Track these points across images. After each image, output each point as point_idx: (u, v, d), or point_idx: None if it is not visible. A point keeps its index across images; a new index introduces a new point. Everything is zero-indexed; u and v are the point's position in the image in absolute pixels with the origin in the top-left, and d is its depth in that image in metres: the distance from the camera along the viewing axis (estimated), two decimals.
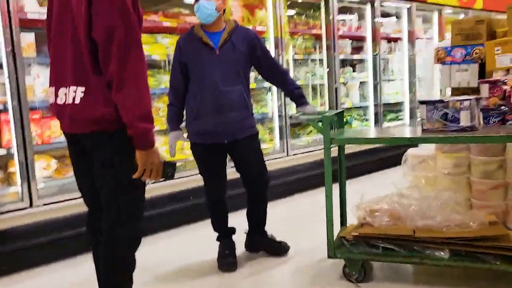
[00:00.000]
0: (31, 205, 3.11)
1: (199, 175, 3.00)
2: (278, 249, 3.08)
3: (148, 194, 3.58)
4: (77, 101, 1.76)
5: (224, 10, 2.86)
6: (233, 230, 3.09)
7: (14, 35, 3.04)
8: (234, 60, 2.77)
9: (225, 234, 3.04)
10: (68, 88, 1.78)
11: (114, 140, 1.78)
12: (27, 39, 3.21)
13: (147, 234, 3.58)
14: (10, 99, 3.06)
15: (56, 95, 1.84)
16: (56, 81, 1.85)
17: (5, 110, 3.13)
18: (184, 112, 2.94)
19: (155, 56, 4.01)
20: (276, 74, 2.99)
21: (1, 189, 3.15)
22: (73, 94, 1.77)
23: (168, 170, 1.82)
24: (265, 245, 3.11)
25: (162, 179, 1.84)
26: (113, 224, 1.87)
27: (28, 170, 3.10)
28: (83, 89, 1.75)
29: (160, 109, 4.03)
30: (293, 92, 2.96)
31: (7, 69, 3.04)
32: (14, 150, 3.11)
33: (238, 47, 2.78)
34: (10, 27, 3.03)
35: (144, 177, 1.77)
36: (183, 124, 2.99)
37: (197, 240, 3.46)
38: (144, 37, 3.94)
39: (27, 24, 3.20)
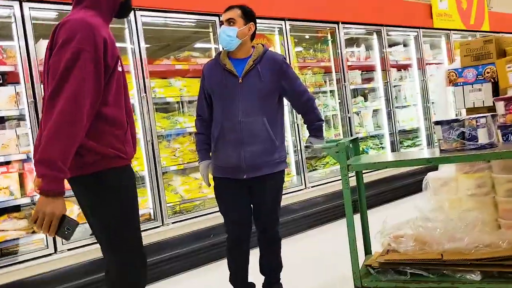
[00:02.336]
0: (55, 251, 3.14)
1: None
2: None
3: (166, 235, 3.64)
4: None
5: (254, 35, 2.67)
6: (251, 286, 2.79)
7: (35, 87, 3.17)
8: (258, 89, 2.56)
9: None
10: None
11: (79, 185, 1.87)
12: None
13: (167, 277, 3.57)
14: (33, 150, 3.15)
15: None
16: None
17: (28, 160, 3.22)
18: None
19: (170, 98, 4.11)
20: (301, 102, 2.73)
21: (25, 237, 3.18)
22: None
23: (65, 227, 1.68)
24: None
25: (57, 235, 1.70)
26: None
27: None
28: None
29: (176, 149, 4.09)
30: (314, 123, 2.76)
31: (29, 120, 3.16)
32: (38, 198, 3.17)
33: (263, 75, 2.58)
34: (32, 79, 3.16)
35: (36, 227, 1.68)
36: None
37: (218, 281, 3.40)
38: (158, 81, 4.06)
39: None
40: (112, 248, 1.93)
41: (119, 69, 1.92)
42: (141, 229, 3.53)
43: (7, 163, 3.24)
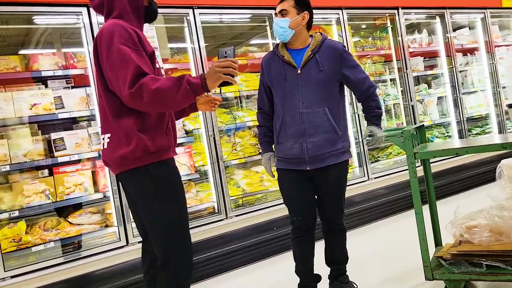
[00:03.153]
0: (127, 243, 3.30)
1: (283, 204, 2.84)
2: None
3: (230, 228, 3.70)
4: (106, 146, 2.01)
5: (310, 24, 2.64)
6: (317, 278, 2.75)
7: None
8: (318, 79, 2.53)
9: (307, 282, 2.72)
10: (103, 136, 2.04)
11: (136, 178, 1.97)
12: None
13: (232, 269, 3.64)
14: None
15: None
16: (101, 131, 2.11)
17: (99, 157, 3.40)
18: None
19: (229, 93, 4.16)
20: (362, 89, 2.65)
21: (99, 230, 3.37)
22: (103, 141, 2.03)
23: (225, 53, 1.96)
24: None
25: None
26: (159, 264, 2.04)
27: (123, 212, 3.31)
28: (109, 135, 1.99)
29: (238, 143, 4.14)
30: (374, 110, 2.67)
31: (99, 120, 3.33)
32: (109, 194, 3.36)
33: (323, 65, 2.54)
34: None
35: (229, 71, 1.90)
36: None
37: (282, 274, 3.40)
38: None
39: None
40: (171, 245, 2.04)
41: (157, 65, 2.05)
42: (207, 222, 3.67)
43: (81, 161, 3.45)
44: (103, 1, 2.06)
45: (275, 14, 2.65)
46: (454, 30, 5.73)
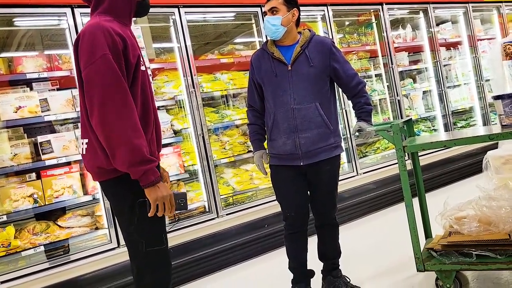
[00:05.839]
0: (118, 245, 3.28)
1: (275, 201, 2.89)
2: None
3: (221, 227, 3.70)
4: (84, 152, 1.90)
5: (298, 21, 2.65)
6: (310, 273, 2.76)
7: None
8: (308, 75, 2.54)
9: (300, 277, 2.72)
10: (82, 140, 1.92)
11: (120, 187, 1.87)
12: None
13: (225, 267, 3.64)
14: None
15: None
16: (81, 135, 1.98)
17: None
18: None
19: (217, 92, 4.16)
20: (351, 85, 2.65)
21: (89, 233, 3.34)
22: (82, 146, 1.92)
23: (179, 200, 1.86)
24: None
25: (178, 210, 1.88)
26: (135, 278, 1.95)
27: (114, 215, 3.28)
28: (86, 140, 1.89)
29: (226, 142, 4.14)
30: (364, 107, 2.67)
31: None
32: (99, 196, 3.33)
33: (313, 60, 2.56)
34: None
35: (159, 213, 1.81)
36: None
37: (275, 271, 3.41)
38: (204, 76, 4.13)
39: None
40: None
41: (142, 68, 1.94)
42: (198, 222, 3.66)
43: (68, 163, 3.41)
44: None
45: (264, 13, 2.65)
46: (437, 25, 5.80)
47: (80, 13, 3.30)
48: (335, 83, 2.71)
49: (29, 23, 3.43)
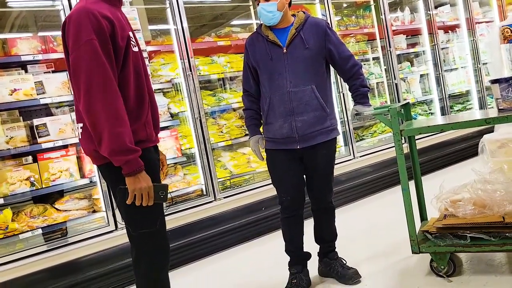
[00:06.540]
0: (116, 227, 3.30)
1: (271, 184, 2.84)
2: (347, 278, 2.69)
3: (219, 210, 3.72)
4: (80, 136, 1.91)
5: (290, 2, 2.62)
6: (307, 256, 2.78)
7: None
8: (304, 57, 2.52)
9: (297, 260, 2.75)
10: (77, 125, 1.92)
11: (112, 172, 1.85)
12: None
13: (223, 250, 3.68)
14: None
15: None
16: (76, 119, 1.97)
17: None
18: None
19: (213, 75, 4.14)
20: (347, 67, 2.62)
21: (87, 216, 3.35)
22: (77, 130, 1.92)
23: (159, 192, 1.85)
24: (332, 272, 2.76)
25: (157, 202, 1.87)
26: (133, 263, 1.95)
27: (111, 197, 3.29)
28: (81, 125, 1.88)
29: (223, 126, 4.13)
30: (359, 89, 2.63)
31: None
32: (96, 179, 3.33)
33: (308, 42, 2.53)
34: None
35: (136, 202, 1.81)
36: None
37: (272, 253, 3.42)
38: (201, 59, 4.10)
39: None
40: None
41: (134, 49, 1.91)
42: (195, 205, 3.67)
43: (65, 146, 3.40)
44: None
45: (257, 0, 2.59)
46: (436, 7, 5.76)
47: None
48: (330, 66, 2.70)
49: (23, 4, 3.38)
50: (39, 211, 3.30)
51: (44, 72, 3.48)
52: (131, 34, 1.93)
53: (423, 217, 2.90)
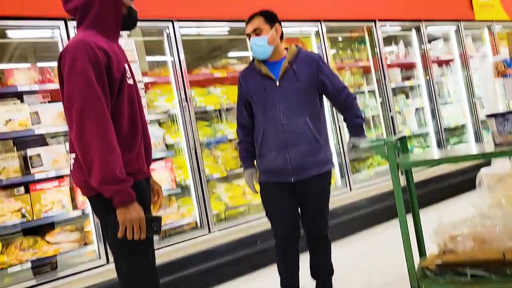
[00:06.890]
0: (107, 261, 3.21)
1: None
2: None
3: (213, 243, 3.64)
4: (72, 167, 1.86)
5: (282, 35, 2.65)
6: None
7: None
8: (296, 90, 2.54)
9: None
10: (70, 155, 1.89)
11: (102, 203, 1.80)
12: None
13: (216, 284, 3.58)
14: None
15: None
16: (69, 149, 1.94)
17: None
18: None
19: (210, 106, 4.14)
20: (341, 99, 2.65)
21: (78, 249, 3.27)
22: (69, 161, 1.88)
23: (153, 224, 1.78)
24: None
25: (150, 234, 1.79)
26: None
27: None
28: (74, 155, 1.84)
29: (219, 157, 4.11)
30: (353, 120, 2.66)
31: None
32: (88, 210, 3.27)
33: (301, 75, 2.55)
34: None
35: (128, 236, 1.73)
36: None
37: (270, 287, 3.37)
38: (198, 90, 4.11)
39: None
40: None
41: (129, 81, 1.91)
42: (189, 238, 3.60)
43: (58, 177, 3.35)
44: (78, 6, 1.88)
45: (248, 35, 2.64)
46: (429, 42, 5.86)
47: (74, 26, 3.27)
48: (323, 98, 2.71)
49: (22, 35, 3.41)
50: (29, 243, 3.21)
51: (40, 102, 3.48)
52: (126, 66, 1.93)
53: (422, 252, 2.83)
